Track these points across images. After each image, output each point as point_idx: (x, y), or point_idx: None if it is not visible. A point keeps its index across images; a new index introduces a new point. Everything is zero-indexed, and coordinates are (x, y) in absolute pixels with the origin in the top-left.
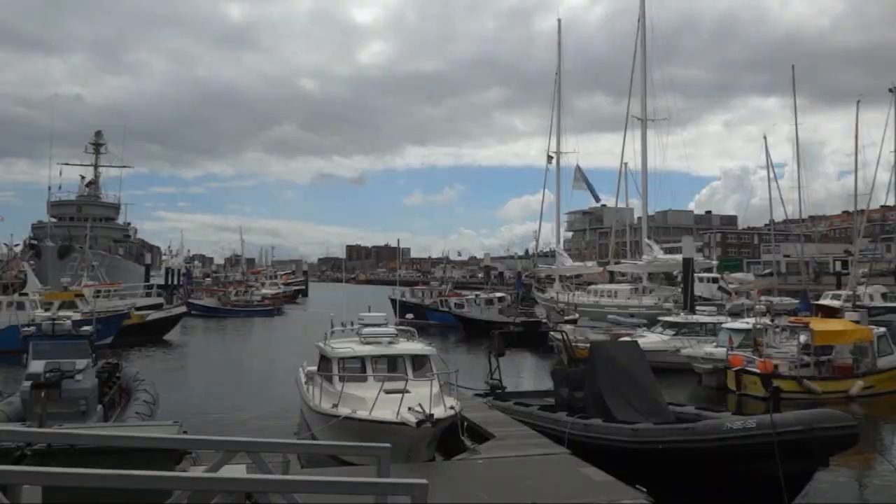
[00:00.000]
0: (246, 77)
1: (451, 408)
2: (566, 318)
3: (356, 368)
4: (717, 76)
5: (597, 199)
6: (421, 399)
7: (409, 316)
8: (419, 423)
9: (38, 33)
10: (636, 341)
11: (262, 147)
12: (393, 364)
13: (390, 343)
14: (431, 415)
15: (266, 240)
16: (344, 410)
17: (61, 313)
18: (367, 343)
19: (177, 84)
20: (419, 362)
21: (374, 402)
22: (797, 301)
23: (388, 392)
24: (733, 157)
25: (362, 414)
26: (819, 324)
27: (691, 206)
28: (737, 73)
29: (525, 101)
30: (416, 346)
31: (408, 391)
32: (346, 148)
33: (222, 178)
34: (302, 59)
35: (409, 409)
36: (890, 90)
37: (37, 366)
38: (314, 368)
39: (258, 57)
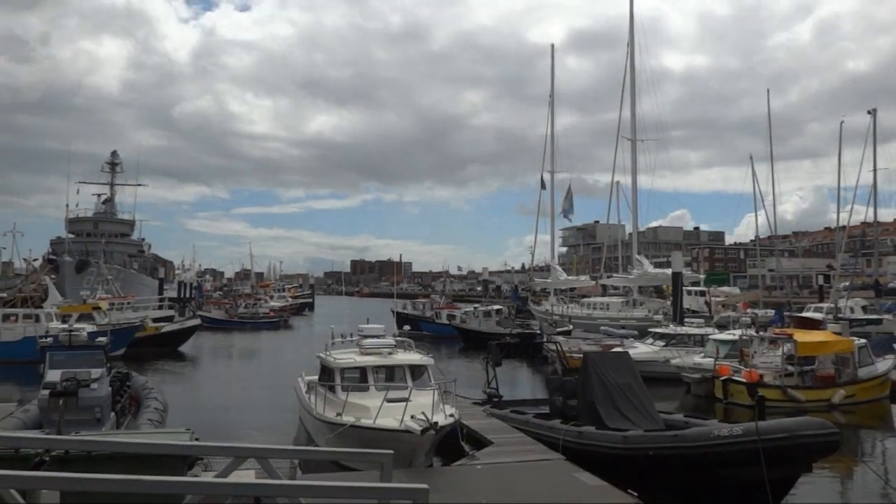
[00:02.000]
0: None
1: (451, 415)
2: (560, 329)
3: (357, 378)
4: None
5: (566, 216)
6: (422, 407)
7: (407, 328)
8: (423, 430)
9: None
10: (627, 352)
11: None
12: (392, 374)
13: (389, 354)
14: (435, 422)
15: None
16: (348, 419)
17: (78, 325)
18: (367, 354)
19: None
20: (418, 372)
21: (377, 410)
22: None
23: (390, 401)
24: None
25: (367, 422)
26: (802, 335)
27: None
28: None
29: None
30: (414, 357)
31: (409, 400)
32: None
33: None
34: None
35: (412, 417)
36: (868, 112)
37: (53, 375)
38: (314, 378)
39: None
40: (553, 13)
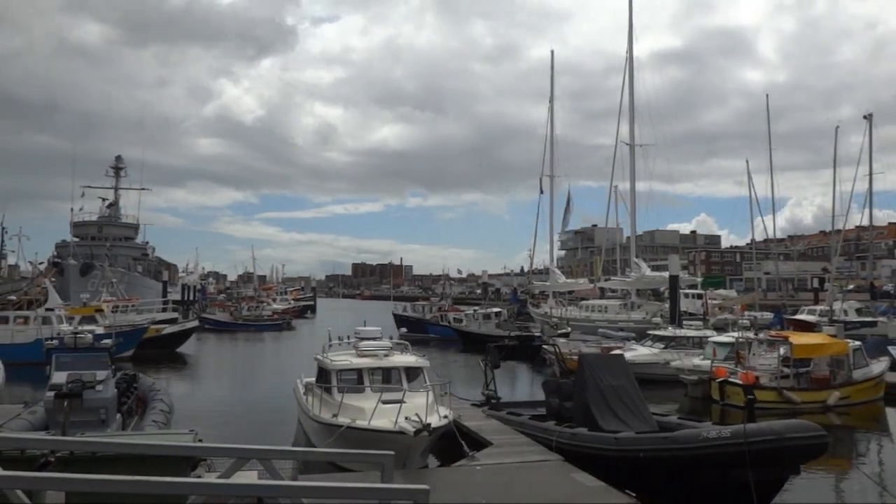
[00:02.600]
0: None
1: (445, 416)
2: (559, 331)
3: (353, 380)
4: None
5: (563, 225)
6: (417, 409)
7: (403, 330)
8: (416, 431)
9: None
10: (622, 354)
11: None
12: (388, 376)
13: (385, 356)
14: (428, 424)
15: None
16: (344, 420)
17: (83, 327)
18: (364, 356)
19: None
20: (413, 374)
21: (372, 412)
22: (772, 315)
23: (385, 402)
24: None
25: (362, 423)
26: (798, 338)
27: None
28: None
29: None
30: (409, 359)
31: (404, 402)
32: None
33: None
34: None
35: (407, 418)
36: (864, 117)
37: (59, 377)
38: (312, 380)
39: None
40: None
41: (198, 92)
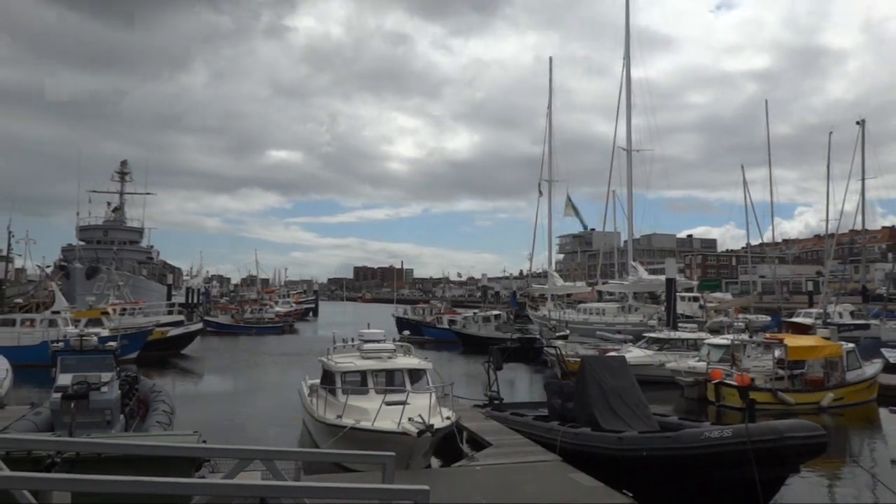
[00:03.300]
0: None
1: (448, 418)
2: (558, 334)
3: (357, 382)
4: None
5: (585, 227)
6: (420, 410)
7: (406, 333)
8: (420, 432)
9: None
10: (623, 356)
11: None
12: (391, 377)
13: (389, 358)
14: (431, 425)
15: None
16: (348, 421)
17: (89, 330)
18: (368, 358)
19: None
20: (416, 376)
21: (376, 413)
22: (769, 318)
23: (389, 404)
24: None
25: (366, 424)
26: (793, 340)
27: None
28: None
29: None
30: (412, 361)
31: (407, 403)
32: None
33: None
34: None
35: (410, 419)
36: (857, 123)
37: (65, 379)
38: (316, 382)
39: None
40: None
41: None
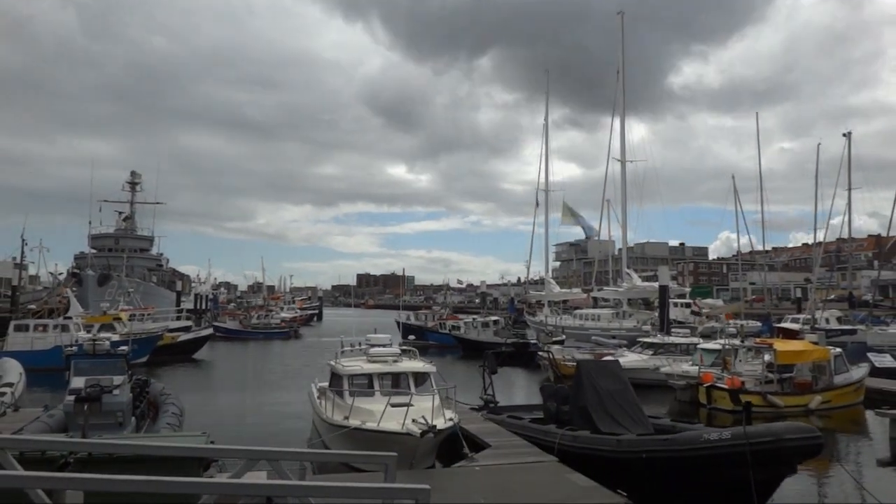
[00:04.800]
0: None
1: (450, 419)
2: (554, 339)
3: (364, 384)
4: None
5: (590, 229)
6: (423, 412)
7: (411, 337)
8: (423, 433)
9: None
10: (617, 360)
11: None
12: (397, 380)
13: (395, 361)
14: (434, 426)
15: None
16: (354, 422)
17: (101, 335)
18: (374, 362)
19: None
20: (420, 379)
21: (381, 414)
22: (760, 324)
23: (393, 406)
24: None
25: (371, 425)
26: (782, 344)
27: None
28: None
29: None
30: (417, 365)
31: (411, 405)
32: None
33: None
34: None
35: (413, 420)
36: (843, 135)
37: (78, 382)
38: (325, 384)
39: None
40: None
41: None
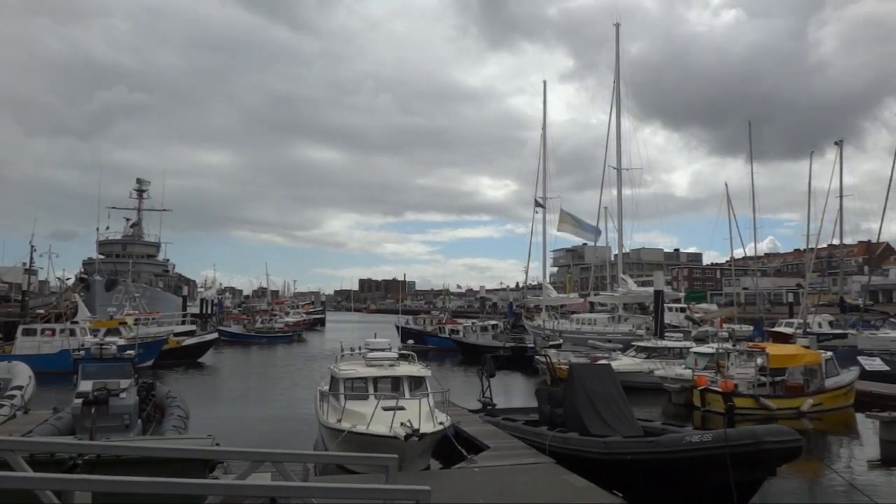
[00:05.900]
0: None
1: (441, 423)
2: (551, 343)
3: (361, 388)
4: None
5: (594, 239)
6: (412, 415)
7: (410, 342)
8: (406, 436)
9: None
10: (609, 364)
11: None
12: (396, 384)
13: (391, 366)
14: (417, 429)
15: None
16: (346, 425)
17: (107, 339)
18: (371, 366)
19: None
20: (416, 383)
21: (370, 417)
22: (752, 328)
23: (385, 409)
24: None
25: (361, 428)
26: (774, 348)
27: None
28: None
29: None
30: (413, 369)
31: (402, 408)
32: None
33: None
34: None
35: (401, 424)
36: (835, 143)
37: (86, 385)
38: (327, 388)
39: None
40: None
41: None
